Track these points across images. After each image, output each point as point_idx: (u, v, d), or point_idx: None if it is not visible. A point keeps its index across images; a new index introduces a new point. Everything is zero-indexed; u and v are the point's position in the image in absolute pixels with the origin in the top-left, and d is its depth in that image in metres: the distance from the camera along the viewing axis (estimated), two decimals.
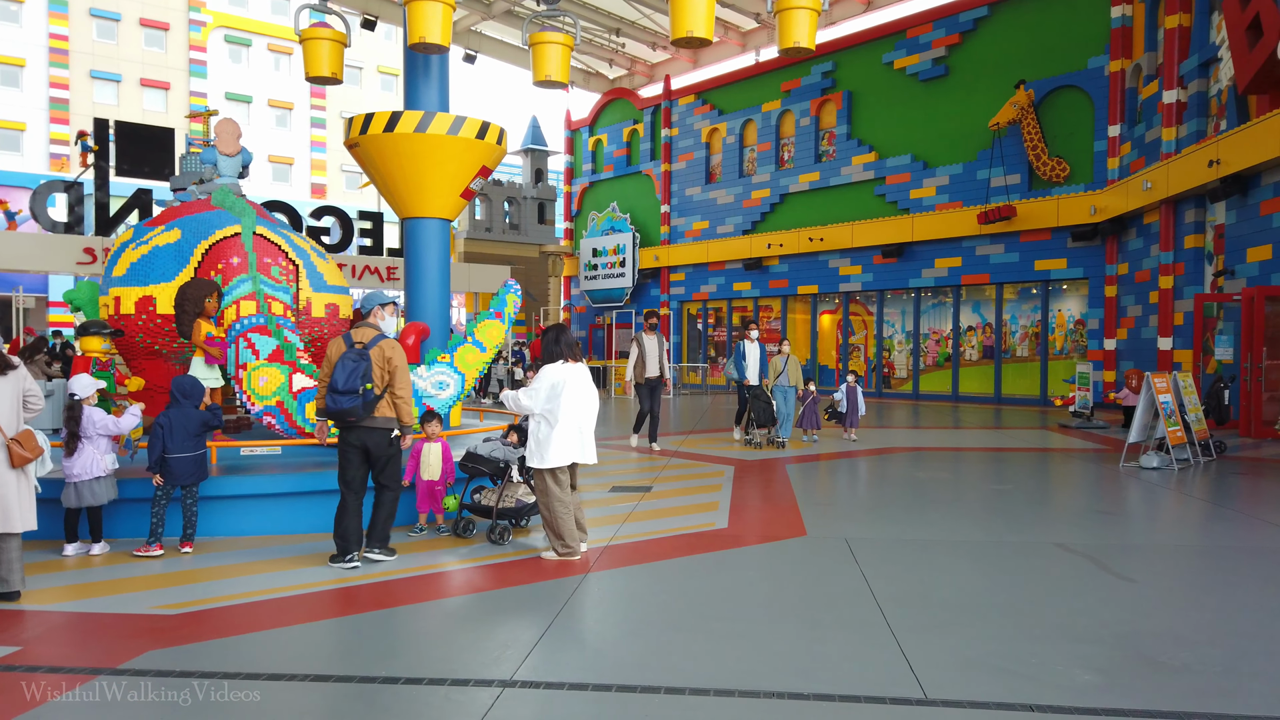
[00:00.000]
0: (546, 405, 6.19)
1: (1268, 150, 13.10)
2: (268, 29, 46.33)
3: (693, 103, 28.76)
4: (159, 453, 6.34)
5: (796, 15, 8.83)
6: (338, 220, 21.90)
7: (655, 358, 12.57)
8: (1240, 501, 8.62)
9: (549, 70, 9.78)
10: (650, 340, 12.59)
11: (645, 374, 12.53)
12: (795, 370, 13.52)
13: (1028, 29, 20.59)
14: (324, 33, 9.93)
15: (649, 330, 12.71)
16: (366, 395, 6.03)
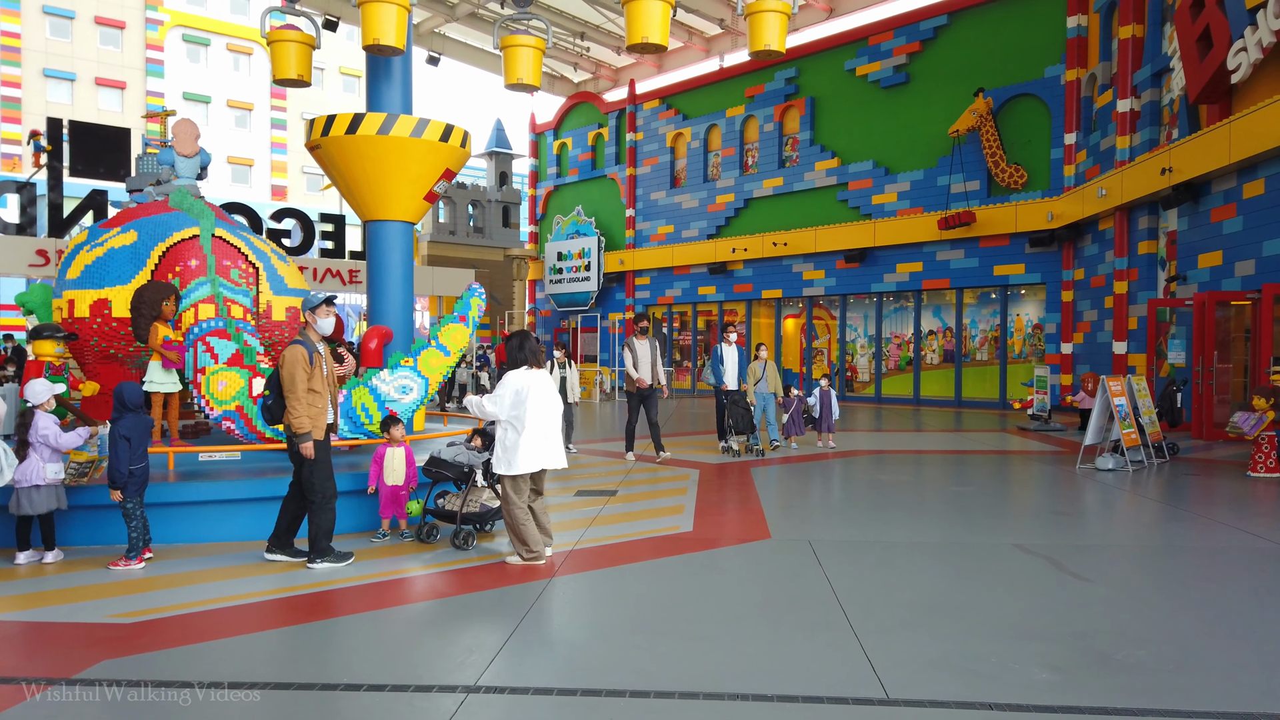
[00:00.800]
0: (512, 412, 6.16)
1: (1218, 159, 13.43)
2: (227, 28, 45.70)
3: (657, 107, 28.83)
4: (128, 465, 6.15)
5: (767, 18, 8.94)
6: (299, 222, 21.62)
7: (649, 363, 11.86)
8: (1192, 502, 8.82)
9: (520, 73, 9.77)
10: (643, 345, 11.89)
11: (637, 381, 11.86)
12: (774, 376, 13.07)
13: (987, 38, 20.93)
14: (291, 35, 9.82)
15: (640, 334, 12.04)
16: (264, 401, 6.25)
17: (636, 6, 8.67)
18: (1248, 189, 13.39)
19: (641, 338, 11.94)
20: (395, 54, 8.95)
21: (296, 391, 6.00)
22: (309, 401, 6.06)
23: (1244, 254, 13.42)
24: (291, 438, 6.09)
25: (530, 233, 33.58)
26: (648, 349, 11.88)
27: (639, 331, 12.04)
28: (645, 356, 11.84)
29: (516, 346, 6.30)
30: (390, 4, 8.60)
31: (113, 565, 6.15)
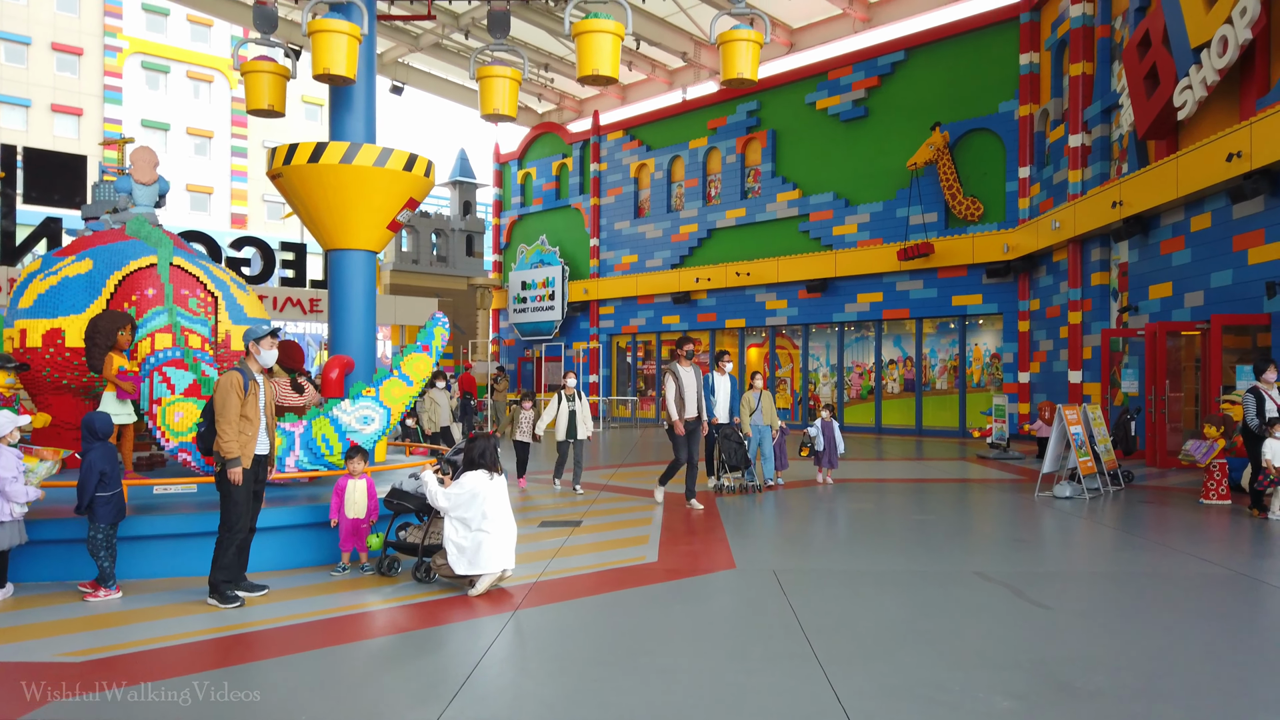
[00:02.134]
0: (464, 512, 6.29)
1: (1166, 193, 13.83)
2: (187, 56, 45.37)
3: (621, 138, 29.06)
4: (91, 494, 6.05)
5: (739, 48, 9.09)
6: (259, 251, 21.43)
7: (694, 393, 10.35)
8: (1148, 529, 8.97)
9: (496, 104, 9.80)
10: (688, 372, 10.38)
11: (684, 413, 10.27)
12: (770, 407, 12.04)
13: (942, 74, 21.41)
14: (265, 66, 9.77)
15: (685, 359, 10.48)
16: (198, 428, 6.30)
17: (587, 39, 8.80)
18: (1195, 222, 13.78)
19: (685, 364, 10.40)
20: (346, 83, 8.97)
21: (228, 415, 5.95)
22: (240, 428, 6.01)
23: (1193, 285, 13.79)
24: (222, 466, 6.02)
25: (494, 262, 33.54)
26: (693, 377, 10.39)
27: (683, 356, 10.44)
28: (691, 386, 10.33)
29: (479, 452, 6.43)
30: (340, 34, 8.64)
31: (89, 597, 6.02)
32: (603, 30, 8.83)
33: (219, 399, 5.97)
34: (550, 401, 11.98)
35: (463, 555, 6.25)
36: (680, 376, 10.25)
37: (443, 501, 6.34)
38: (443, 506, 6.35)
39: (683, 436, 10.16)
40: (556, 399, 11.86)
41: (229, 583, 6.02)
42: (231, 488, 6.01)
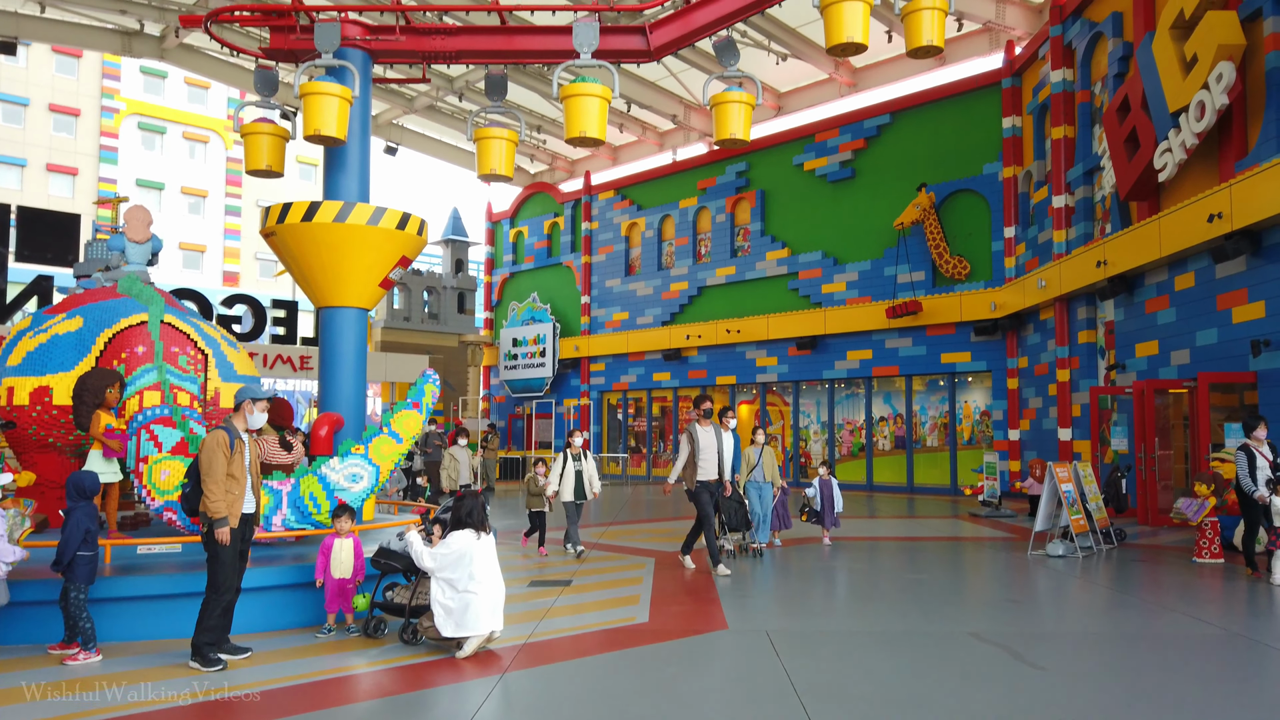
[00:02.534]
0: (450, 573, 6.20)
1: (1149, 253, 14.02)
2: (183, 117, 45.94)
3: (612, 198, 29.42)
4: (74, 551, 5.95)
5: (731, 109, 9.29)
6: (250, 308, 21.46)
7: (713, 454, 9.74)
8: (1142, 589, 8.91)
9: (493, 164, 9.95)
10: (707, 432, 9.79)
11: (698, 476, 9.65)
12: (772, 463, 11.51)
13: (927, 136, 21.83)
14: (264, 127, 9.91)
15: (703, 418, 9.91)
16: (182, 488, 6.24)
17: (575, 102, 9.00)
18: (1179, 281, 13.96)
19: (704, 422, 9.85)
20: (337, 144, 9.13)
21: (215, 474, 5.91)
22: (227, 487, 5.95)
23: (1178, 344, 13.91)
24: (208, 526, 5.95)
25: (485, 319, 33.65)
26: (713, 437, 9.81)
27: (701, 415, 9.89)
28: (710, 446, 9.75)
29: (467, 511, 6.37)
30: (331, 96, 8.81)
31: (69, 660, 5.89)
32: (589, 94, 9.02)
33: (205, 458, 5.93)
34: (555, 461, 11.46)
35: (449, 617, 6.15)
36: (698, 438, 9.70)
37: (429, 562, 6.26)
38: (429, 567, 6.26)
39: (706, 497, 9.70)
40: (563, 458, 11.31)
41: (212, 645, 5.90)
42: (219, 548, 5.94)
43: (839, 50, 8.67)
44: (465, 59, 10.12)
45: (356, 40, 9.71)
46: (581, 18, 9.57)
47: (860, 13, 8.45)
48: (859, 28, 8.44)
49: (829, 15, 8.55)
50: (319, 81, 8.87)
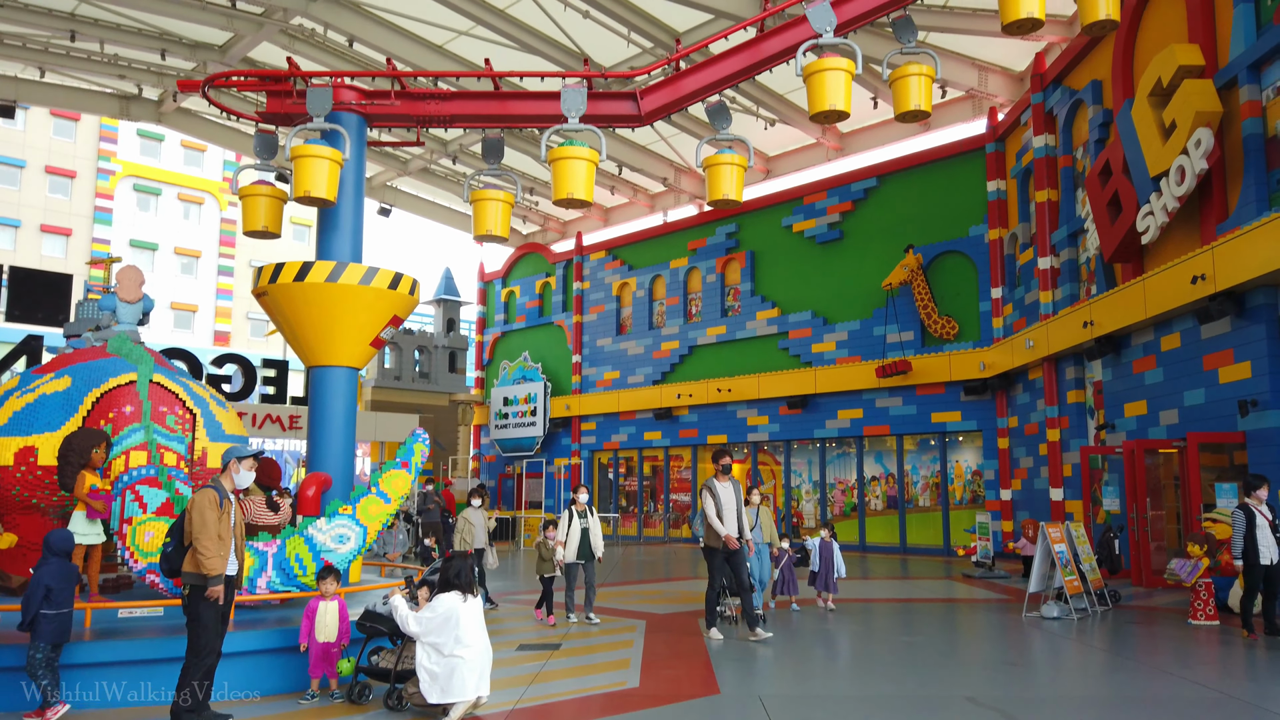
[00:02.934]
0: (436, 637, 6.06)
1: (1134, 314, 14.17)
2: (179, 179, 46.40)
3: (603, 258, 29.67)
4: (35, 611, 5.83)
5: (724, 170, 9.44)
6: (240, 368, 21.44)
7: (733, 511, 9.51)
8: (1138, 651, 8.81)
9: (489, 225, 10.04)
10: (725, 488, 9.56)
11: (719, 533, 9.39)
12: (769, 524, 11.23)
13: (914, 199, 22.18)
14: (262, 189, 9.99)
15: (722, 474, 9.66)
16: (163, 549, 6.14)
17: (562, 165, 9.15)
18: (1165, 342, 14.08)
19: (723, 478, 9.63)
20: (326, 205, 9.24)
21: (208, 531, 5.84)
22: None
23: (1167, 404, 13.98)
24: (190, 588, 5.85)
25: (476, 378, 33.62)
26: (731, 493, 9.59)
27: (720, 471, 9.71)
28: (730, 504, 9.53)
29: (455, 573, 6.25)
30: (322, 159, 8.93)
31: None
32: (577, 157, 9.17)
33: (196, 516, 5.86)
34: (561, 520, 10.90)
35: (435, 682, 6.02)
36: (718, 494, 9.46)
37: (414, 626, 6.13)
38: (414, 632, 6.14)
39: (721, 559, 9.40)
40: (567, 516, 10.82)
41: (192, 712, 5.76)
42: (202, 611, 5.83)
43: (822, 117, 8.87)
44: (459, 123, 10.29)
45: (352, 105, 9.88)
46: (571, 84, 9.77)
47: (842, 81, 8.66)
48: (841, 96, 8.64)
49: (812, 84, 8.77)
50: (309, 144, 9.00)
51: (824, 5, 9.12)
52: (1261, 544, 9.36)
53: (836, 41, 9.04)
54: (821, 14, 9.09)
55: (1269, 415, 11.73)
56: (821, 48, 9.06)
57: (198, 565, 5.82)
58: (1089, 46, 16.29)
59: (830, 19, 9.10)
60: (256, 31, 18.69)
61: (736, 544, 9.39)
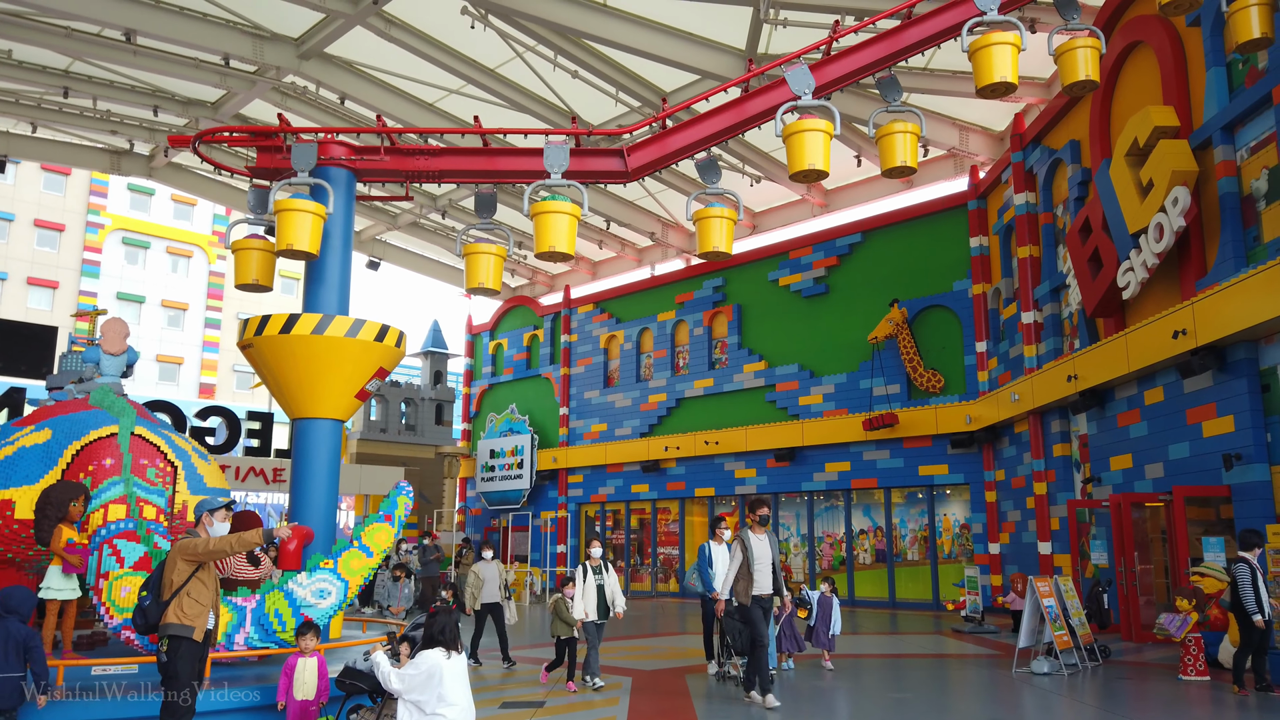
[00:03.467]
0: (419, 695, 5.78)
1: (1117, 368, 14.29)
2: (168, 232, 46.58)
3: (591, 311, 29.80)
4: None
5: (714, 224, 9.58)
6: (224, 420, 21.28)
7: (768, 565, 8.94)
8: (1130, 708, 8.72)
9: (481, 278, 10.09)
10: (760, 541, 8.98)
11: (752, 589, 8.87)
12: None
13: (898, 255, 22.45)
14: (254, 243, 10.04)
15: (758, 525, 9.11)
16: (140, 602, 6.08)
17: (545, 219, 9.26)
18: (1149, 396, 14.18)
19: (759, 530, 9.05)
20: (309, 258, 9.32)
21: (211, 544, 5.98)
22: (193, 596, 5.85)
23: (1152, 457, 14.02)
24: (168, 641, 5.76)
25: (463, 430, 33.47)
26: (768, 546, 9.02)
27: (757, 522, 9.11)
28: (765, 558, 8.94)
29: (439, 629, 5.98)
30: (305, 213, 9.02)
31: None
32: (559, 211, 9.28)
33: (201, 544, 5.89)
34: (578, 573, 10.31)
35: None
36: (751, 547, 8.83)
37: (396, 683, 5.97)
38: (396, 689, 5.98)
39: (759, 614, 8.82)
40: (581, 572, 10.26)
41: None
42: (178, 668, 5.70)
43: (801, 176, 9.06)
44: (447, 179, 10.41)
45: (342, 160, 9.99)
46: (555, 141, 9.93)
47: (820, 142, 8.87)
48: (819, 155, 8.84)
49: (791, 144, 8.97)
50: (293, 199, 9.09)
51: (802, 69, 9.36)
52: (1264, 599, 9.29)
53: (815, 103, 9.27)
54: (800, 77, 9.33)
55: (1253, 469, 11.78)
56: (801, 109, 9.27)
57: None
58: (1067, 108, 16.68)
59: (809, 82, 9.34)
60: (249, 89, 18.95)
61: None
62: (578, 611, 9.99)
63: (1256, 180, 12.15)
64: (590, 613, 10.06)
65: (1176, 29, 13.55)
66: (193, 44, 16.83)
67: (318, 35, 17.22)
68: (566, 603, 10.23)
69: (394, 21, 16.93)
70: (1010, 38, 8.78)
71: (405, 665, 6.05)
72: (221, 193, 25.29)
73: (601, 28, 16.17)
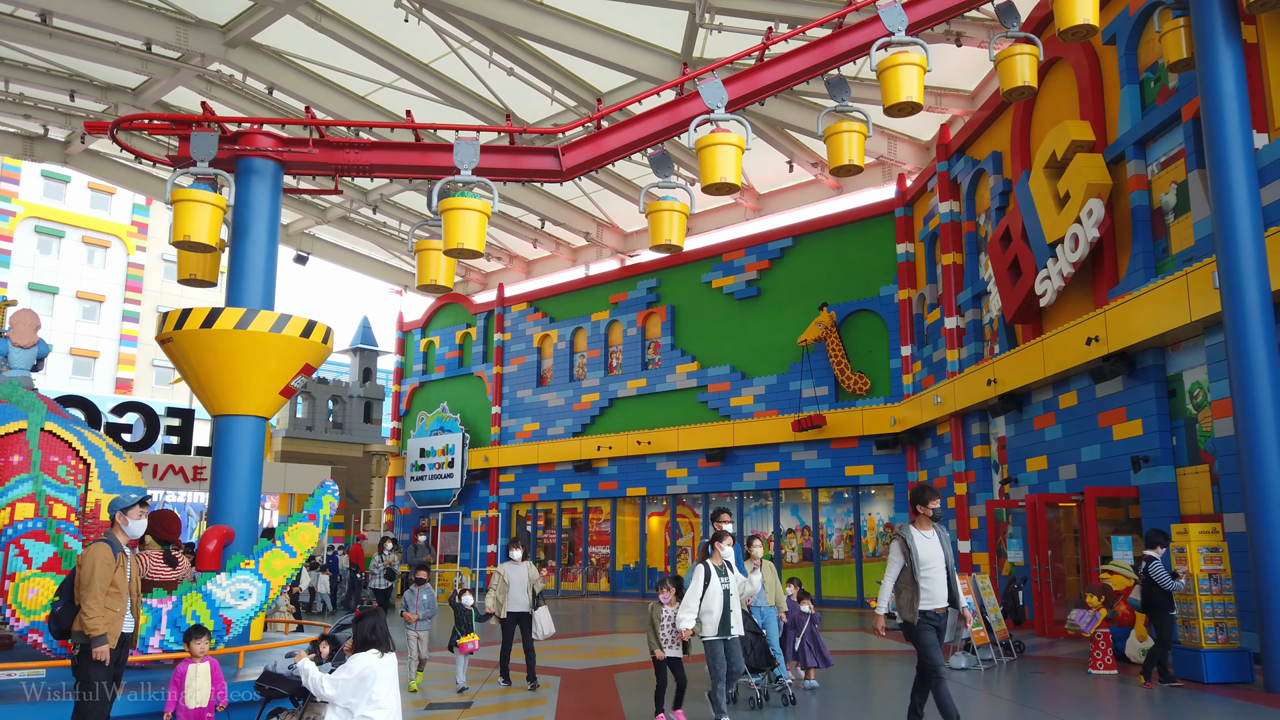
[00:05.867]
0: (349, 699, 5.49)
1: (1034, 372, 14.79)
2: (85, 221, 44.85)
3: (525, 310, 29.65)
4: None
5: (665, 216, 9.61)
6: (142, 416, 20.58)
7: (942, 571, 6.69)
8: (1042, 701, 9.04)
9: (433, 275, 9.98)
10: (927, 539, 6.76)
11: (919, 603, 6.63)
12: (775, 583, 9.48)
13: (828, 260, 22.85)
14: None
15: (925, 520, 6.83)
16: (52, 607, 5.87)
17: (453, 215, 9.23)
18: (1063, 400, 14.71)
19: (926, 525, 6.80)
20: (207, 251, 9.12)
21: (95, 588, 5.56)
22: (107, 604, 5.60)
23: (1065, 459, 14.55)
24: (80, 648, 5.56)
25: (393, 429, 32.96)
26: (936, 545, 6.76)
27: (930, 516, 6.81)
28: (936, 559, 6.73)
29: (369, 629, 5.65)
30: (203, 204, 8.84)
31: None
32: (468, 208, 9.24)
33: (85, 572, 5.58)
34: (694, 578, 7.58)
35: None
36: (915, 548, 6.63)
37: (329, 690, 5.53)
38: (329, 695, 5.60)
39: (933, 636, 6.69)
40: (702, 574, 7.54)
41: None
42: (91, 672, 5.53)
43: (714, 189, 9.19)
44: (378, 173, 10.26)
45: (268, 151, 9.77)
46: (466, 137, 9.84)
47: (732, 155, 9.03)
48: (731, 169, 9.01)
49: (703, 157, 9.11)
50: (191, 189, 8.89)
51: (715, 83, 9.51)
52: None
53: (727, 117, 9.41)
54: (713, 91, 9.49)
55: (1160, 471, 12.32)
56: (714, 122, 9.41)
57: (82, 625, 5.53)
58: (990, 120, 17.20)
59: (721, 96, 9.51)
60: (172, 76, 18.38)
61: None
62: (683, 621, 7.54)
63: (1166, 194, 12.71)
64: (711, 628, 7.44)
65: (1094, 47, 14.09)
66: (112, 28, 16.24)
67: (245, 23, 16.78)
68: (663, 611, 8.09)
69: (325, 12, 16.61)
70: (916, 58, 8.99)
71: (337, 670, 5.77)
72: (142, 182, 24.47)
73: (538, 26, 16.11)
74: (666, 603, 8.12)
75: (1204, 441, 11.87)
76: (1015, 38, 9.68)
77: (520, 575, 10.10)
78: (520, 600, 10.03)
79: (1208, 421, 11.73)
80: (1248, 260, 9.76)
